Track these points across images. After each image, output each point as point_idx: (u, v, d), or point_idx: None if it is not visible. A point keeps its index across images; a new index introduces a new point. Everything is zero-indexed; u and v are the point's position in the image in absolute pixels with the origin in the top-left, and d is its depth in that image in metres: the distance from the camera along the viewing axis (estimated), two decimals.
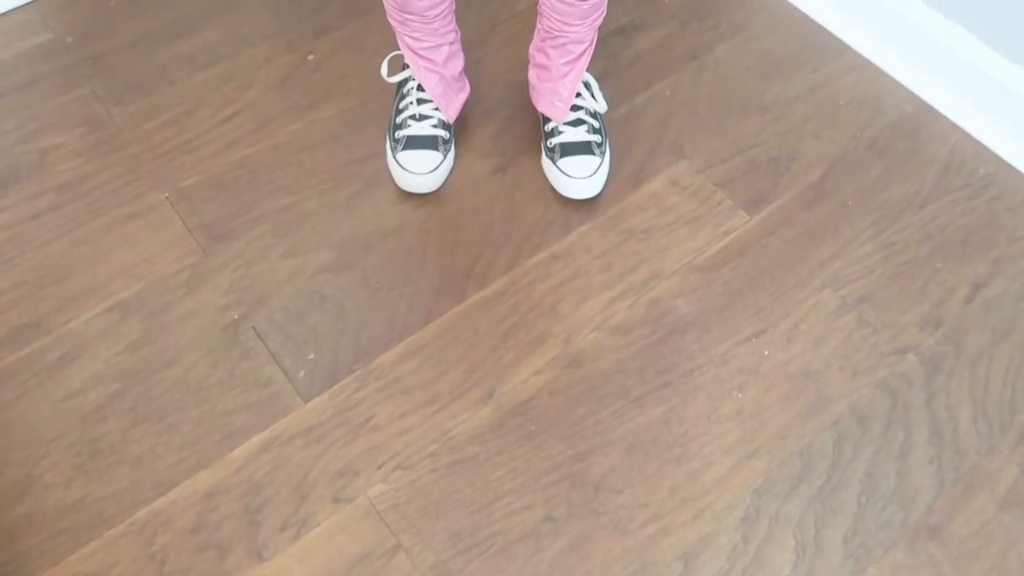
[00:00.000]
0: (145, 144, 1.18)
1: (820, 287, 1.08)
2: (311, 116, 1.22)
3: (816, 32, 1.33)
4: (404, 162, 1.11)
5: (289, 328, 1.03)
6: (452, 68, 1.12)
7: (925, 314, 1.06)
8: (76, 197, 1.13)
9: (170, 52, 1.28)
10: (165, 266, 1.07)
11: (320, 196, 1.14)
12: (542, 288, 1.07)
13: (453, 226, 1.11)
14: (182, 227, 1.11)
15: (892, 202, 1.15)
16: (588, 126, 1.13)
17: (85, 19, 1.32)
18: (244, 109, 1.22)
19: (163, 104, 1.22)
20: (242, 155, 1.17)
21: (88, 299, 1.04)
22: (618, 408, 0.98)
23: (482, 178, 1.16)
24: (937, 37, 1.21)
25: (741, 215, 1.13)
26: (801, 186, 1.16)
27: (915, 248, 1.11)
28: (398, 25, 1.08)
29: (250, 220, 1.11)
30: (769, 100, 1.25)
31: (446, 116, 1.13)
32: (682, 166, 1.18)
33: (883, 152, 1.20)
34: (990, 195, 1.16)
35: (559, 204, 1.14)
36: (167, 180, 1.15)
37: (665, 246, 1.10)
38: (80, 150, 1.18)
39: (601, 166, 1.12)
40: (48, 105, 1.22)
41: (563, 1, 1.02)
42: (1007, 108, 1.18)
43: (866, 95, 1.26)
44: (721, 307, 1.06)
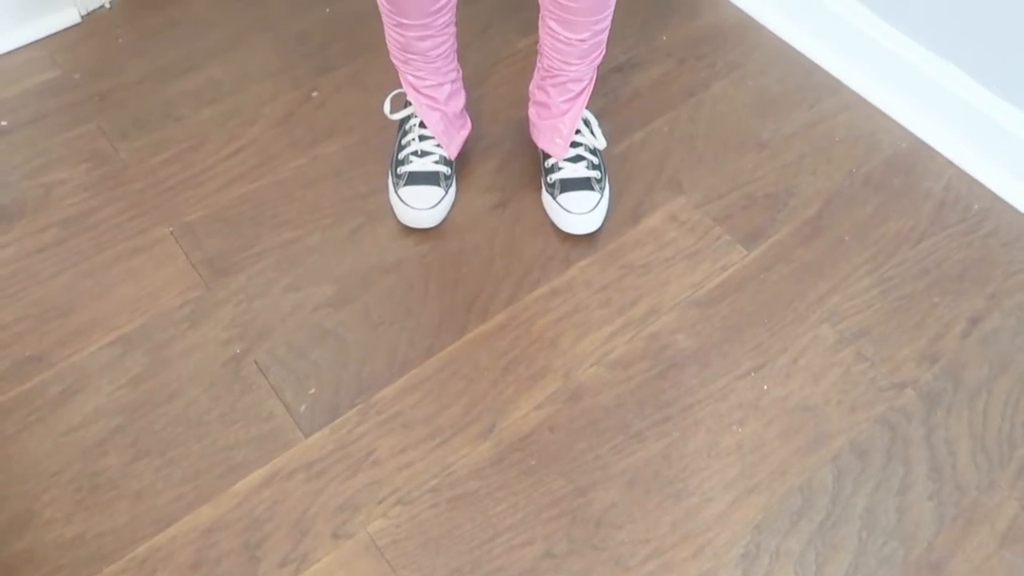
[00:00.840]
0: (150, 179, 1.20)
1: (818, 322, 1.09)
2: (314, 152, 1.23)
3: (811, 70, 1.36)
4: (406, 197, 1.12)
5: (291, 362, 1.03)
6: (454, 106, 1.14)
7: (923, 349, 1.07)
8: (81, 231, 1.14)
9: (176, 89, 1.30)
10: (168, 300, 1.08)
11: (323, 231, 1.15)
12: (542, 322, 1.07)
13: (454, 261, 1.12)
14: (185, 261, 1.12)
15: (888, 237, 1.17)
16: (587, 162, 1.14)
17: (93, 57, 1.35)
18: (248, 145, 1.24)
19: (168, 140, 1.24)
20: (246, 190, 1.19)
21: (91, 333, 1.05)
22: (618, 443, 0.98)
23: (483, 213, 1.17)
24: (930, 75, 1.23)
25: (739, 250, 1.15)
26: (798, 221, 1.18)
27: (912, 283, 1.12)
28: (401, 64, 1.10)
29: (253, 255, 1.12)
30: (766, 136, 1.27)
31: (447, 152, 1.15)
32: (680, 201, 1.19)
33: (879, 188, 1.22)
34: (985, 231, 1.18)
35: (559, 239, 1.15)
36: (171, 215, 1.16)
37: (664, 281, 1.11)
38: (86, 185, 1.19)
39: (600, 202, 1.13)
40: (55, 141, 1.24)
41: (562, 41, 1.04)
42: (1000, 145, 1.19)
43: (861, 132, 1.28)
44: (720, 341, 1.07)
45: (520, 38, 1.38)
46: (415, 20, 1.02)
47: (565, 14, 1.01)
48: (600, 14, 1.01)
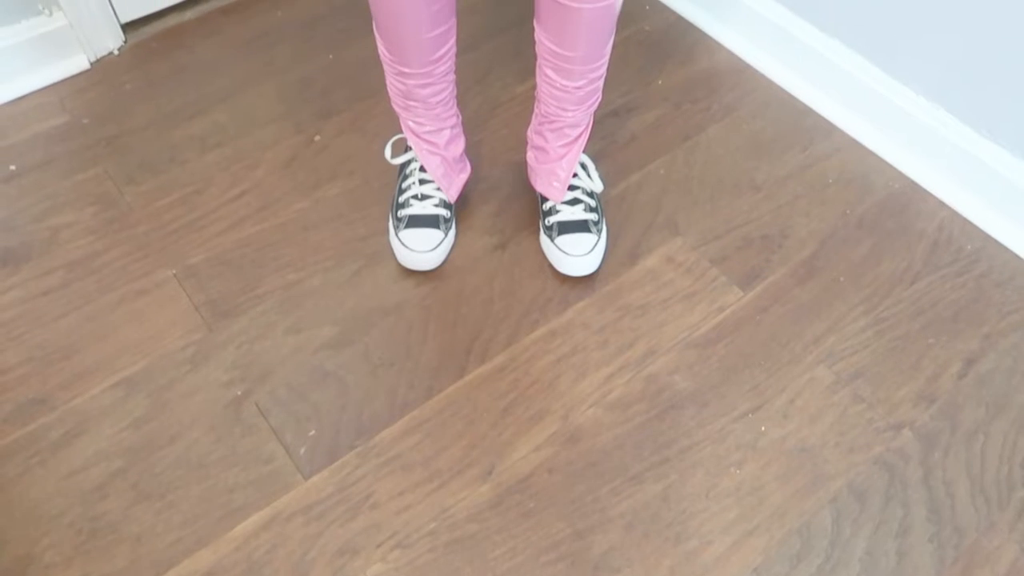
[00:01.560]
0: (155, 222, 1.22)
1: (814, 362, 1.09)
2: (316, 195, 1.25)
3: (804, 113, 1.38)
4: (406, 240, 1.14)
5: (291, 404, 1.04)
6: (453, 150, 1.16)
7: (919, 390, 1.07)
8: (86, 274, 1.16)
9: (182, 133, 1.33)
10: (171, 342, 1.09)
11: (324, 273, 1.16)
12: (541, 364, 1.08)
13: (454, 302, 1.14)
14: (188, 304, 1.13)
15: (883, 278, 1.18)
16: (585, 205, 1.16)
17: (101, 102, 1.38)
18: (252, 188, 1.26)
19: (173, 183, 1.26)
20: (249, 233, 1.21)
21: (94, 375, 1.06)
22: (617, 485, 0.98)
23: (482, 255, 1.19)
24: (921, 119, 1.26)
25: (735, 291, 1.16)
26: (793, 263, 1.19)
27: (907, 324, 1.13)
28: (401, 111, 1.13)
29: (255, 297, 1.14)
30: (760, 179, 1.29)
31: (447, 196, 1.17)
32: (677, 243, 1.21)
33: (872, 229, 1.23)
34: (978, 271, 1.19)
35: (557, 281, 1.16)
36: (175, 257, 1.18)
37: (661, 322, 1.13)
38: (92, 228, 1.21)
39: (598, 244, 1.15)
40: (62, 184, 1.26)
41: (559, 88, 1.07)
42: (991, 186, 1.21)
43: (854, 173, 1.30)
44: (717, 383, 1.07)
45: (519, 83, 1.41)
46: (416, 69, 1.05)
47: (562, 63, 1.03)
48: (595, 63, 1.04)
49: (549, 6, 0.98)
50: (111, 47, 1.45)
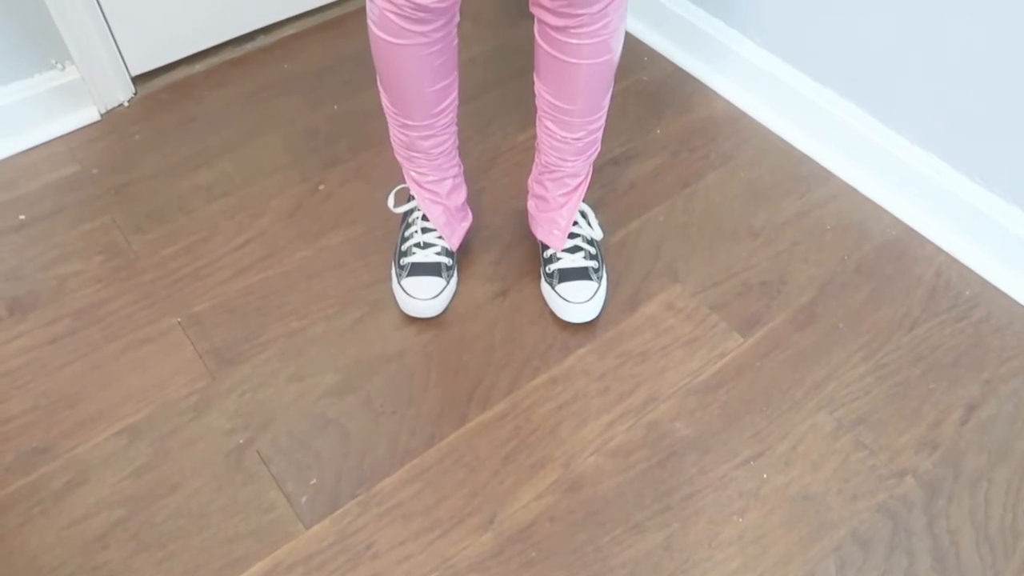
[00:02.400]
0: (161, 271, 1.23)
1: (816, 409, 1.09)
2: (320, 243, 1.27)
3: (801, 160, 1.40)
4: (408, 288, 1.15)
5: (293, 452, 1.04)
6: (455, 199, 1.18)
7: (921, 436, 1.07)
8: (92, 322, 1.17)
9: (189, 183, 1.35)
10: (174, 390, 1.10)
11: (327, 321, 1.18)
12: (542, 411, 1.09)
13: (455, 350, 1.15)
14: (192, 351, 1.14)
15: (882, 324, 1.19)
16: (585, 252, 1.18)
17: (111, 152, 1.40)
18: (256, 237, 1.28)
19: (180, 232, 1.28)
20: (253, 281, 1.22)
21: (97, 423, 1.07)
22: (618, 534, 0.98)
23: (483, 302, 1.20)
24: (915, 166, 1.28)
25: (736, 337, 1.17)
26: (793, 309, 1.20)
27: (907, 369, 1.14)
28: (404, 161, 1.15)
29: (258, 344, 1.15)
30: (759, 225, 1.31)
31: (449, 244, 1.18)
32: (677, 290, 1.22)
33: (870, 275, 1.24)
34: (977, 316, 1.20)
35: (558, 327, 1.17)
36: (180, 305, 1.19)
37: (662, 369, 1.13)
38: (98, 276, 1.23)
39: (598, 291, 1.16)
40: (71, 233, 1.28)
41: (559, 139, 1.09)
42: (986, 233, 1.23)
43: (851, 220, 1.32)
44: (719, 429, 1.07)
45: (520, 132, 1.44)
46: (418, 121, 1.07)
47: (561, 115, 1.06)
48: (594, 115, 1.06)
49: (548, 61, 1.00)
50: (121, 99, 1.48)
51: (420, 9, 0.92)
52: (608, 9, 0.93)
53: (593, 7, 0.91)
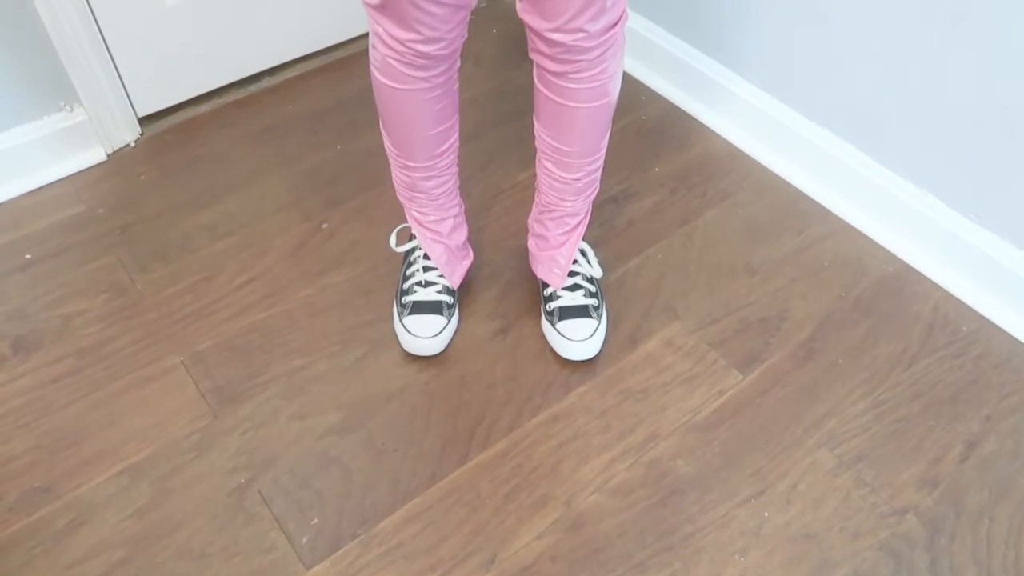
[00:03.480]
0: (164, 309, 1.24)
1: (816, 446, 1.10)
2: (323, 281, 1.28)
3: (798, 197, 1.42)
4: (410, 326, 1.16)
5: (294, 492, 1.04)
6: (456, 238, 1.20)
7: (922, 473, 1.07)
8: (95, 361, 1.18)
9: (193, 222, 1.37)
10: (176, 429, 1.10)
11: (329, 359, 1.18)
12: (543, 449, 1.09)
13: (457, 387, 1.15)
14: (195, 390, 1.15)
15: (881, 360, 1.19)
16: (585, 290, 1.19)
17: (116, 192, 1.42)
18: (260, 275, 1.29)
19: (184, 271, 1.30)
20: (256, 319, 1.23)
21: (99, 463, 1.07)
22: (620, 574, 0.98)
23: (484, 340, 1.21)
24: (910, 203, 1.29)
25: (735, 374, 1.17)
26: (792, 345, 1.21)
27: (907, 406, 1.14)
28: (406, 201, 1.17)
29: (261, 383, 1.15)
30: (757, 262, 1.32)
31: (450, 282, 1.19)
32: (676, 327, 1.23)
33: (868, 311, 1.25)
34: (976, 352, 1.20)
35: (559, 365, 1.18)
36: (183, 344, 1.20)
37: (662, 406, 1.13)
38: (103, 315, 1.24)
39: (598, 329, 1.17)
40: (76, 273, 1.29)
41: (558, 180, 1.11)
42: (982, 269, 1.24)
43: (848, 256, 1.33)
44: (719, 467, 1.08)
45: (520, 171, 1.46)
46: (420, 163, 1.09)
47: (560, 156, 1.07)
48: (593, 156, 1.08)
49: (547, 104, 1.02)
50: (128, 139, 1.51)
51: (422, 56, 0.94)
52: (605, 55, 0.95)
53: (590, 54, 0.93)
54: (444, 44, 0.94)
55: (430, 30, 0.91)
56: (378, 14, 0.92)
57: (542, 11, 0.89)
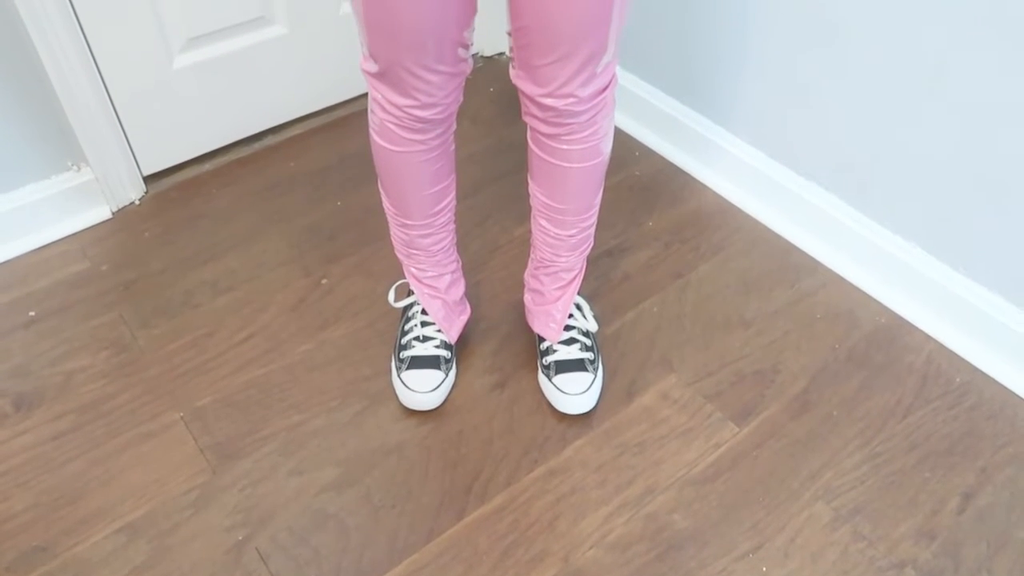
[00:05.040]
0: (165, 365, 1.26)
1: (813, 499, 1.10)
2: (322, 336, 1.30)
3: (789, 250, 1.45)
4: (408, 381, 1.18)
5: (291, 549, 1.04)
6: (454, 294, 1.22)
7: (919, 526, 1.07)
8: (96, 418, 1.19)
9: (195, 278, 1.39)
10: (175, 486, 1.11)
11: (328, 414, 1.19)
12: (541, 504, 1.09)
13: (454, 442, 1.16)
14: (194, 446, 1.15)
15: (875, 412, 1.20)
16: (581, 344, 1.20)
17: (120, 249, 1.45)
18: (260, 331, 1.31)
19: (185, 327, 1.31)
20: (255, 375, 1.24)
21: (98, 521, 1.07)
22: None
23: (482, 394, 1.22)
24: (898, 256, 1.32)
25: (731, 427, 1.18)
26: (787, 398, 1.22)
27: (902, 458, 1.15)
28: (404, 258, 1.19)
29: (260, 438, 1.16)
30: (751, 315, 1.34)
31: (448, 337, 1.21)
32: (672, 380, 1.24)
33: (862, 363, 1.27)
34: (969, 403, 1.21)
35: (555, 419, 1.19)
36: (183, 400, 1.21)
37: (659, 459, 1.14)
38: (104, 372, 1.25)
39: (594, 382, 1.18)
40: (78, 329, 1.31)
41: (553, 236, 1.13)
42: (972, 320, 1.26)
43: (841, 308, 1.35)
44: (717, 521, 1.08)
45: (517, 226, 1.49)
46: (418, 221, 1.12)
47: (555, 214, 1.10)
48: (586, 213, 1.11)
49: (541, 164, 1.05)
50: (133, 197, 1.54)
51: (419, 120, 0.97)
52: (596, 117, 0.99)
53: (581, 117, 0.97)
54: (440, 109, 0.98)
55: (427, 96, 0.94)
56: (377, 81, 0.95)
57: (534, 78, 0.93)
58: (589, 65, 0.91)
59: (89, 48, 1.36)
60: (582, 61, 0.90)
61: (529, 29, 0.88)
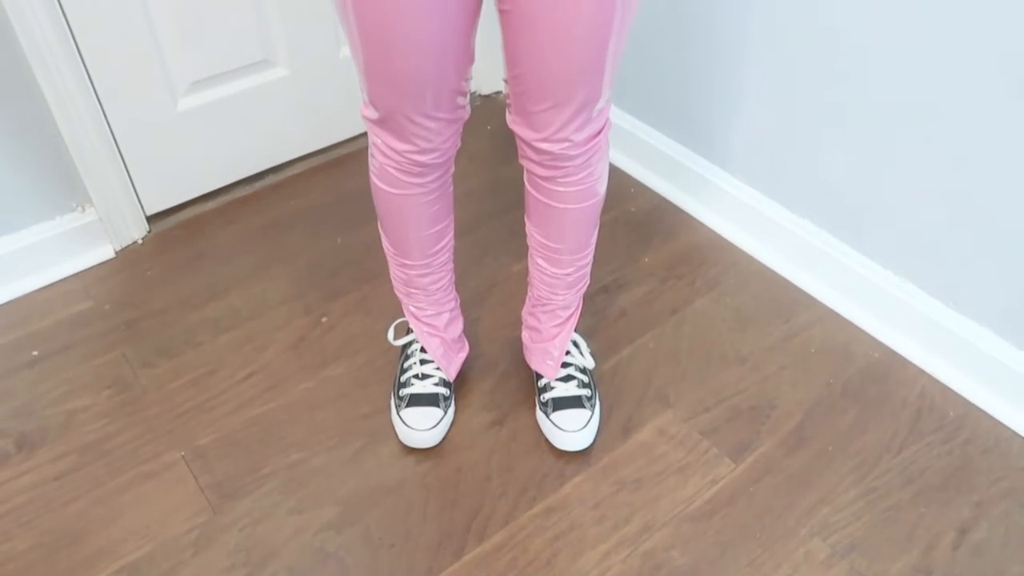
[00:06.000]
0: (167, 404, 1.27)
1: (809, 535, 1.11)
2: (322, 374, 1.31)
3: (784, 286, 1.47)
4: (407, 419, 1.19)
5: None
6: (452, 331, 1.23)
7: (915, 562, 1.08)
8: (98, 457, 1.20)
9: (197, 317, 1.41)
10: (176, 526, 1.11)
11: (328, 452, 1.20)
12: (539, 541, 1.10)
13: (453, 480, 1.17)
14: (195, 486, 1.16)
15: (870, 447, 1.21)
16: (578, 381, 1.22)
17: (123, 288, 1.47)
18: (261, 369, 1.32)
19: (187, 366, 1.33)
20: (256, 413, 1.26)
21: (99, 561, 1.08)
22: None
23: (480, 431, 1.23)
24: (890, 291, 1.34)
25: (727, 463, 1.19)
26: (782, 433, 1.23)
27: (898, 493, 1.15)
28: (403, 297, 1.21)
29: (260, 477, 1.17)
30: (746, 350, 1.35)
31: (447, 375, 1.22)
32: (668, 415, 1.25)
33: (857, 397, 1.28)
34: (963, 438, 1.22)
35: (553, 456, 1.20)
36: (184, 439, 1.22)
37: (656, 496, 1.15)
38: (106, 411, 1.26)
39: (591, 419, 1.19)
40: (81, 368, 1.33)
41: (550, 275, 1.15)
42: (963, 354, 1.27)
43: (835, 343, 1.36)
44: (714, 558, 1.08)
45: (514, 263, 1.51)
46: (417, 261, 1.14)
47: (551, 253, 1.12)
48: (582, 252, 1.13)
49: (537, 206, 1.08)
50: (136, 237, 1.56)
51: (418, 164, 1.00)
52: (591, 160, 1.01)
53: (576, 160, 0.99)
54: (439, 154, 1.00)
55: (426, 142, 0.97)
56: (377, 127, 0.98)
57: (530, 123, 0.96)
58: (584, 111, 0.93)
59: (95, 91, 1.39)
60: (577, 107, 0.92)
61: (525, 77, 0.91)
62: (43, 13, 1.25)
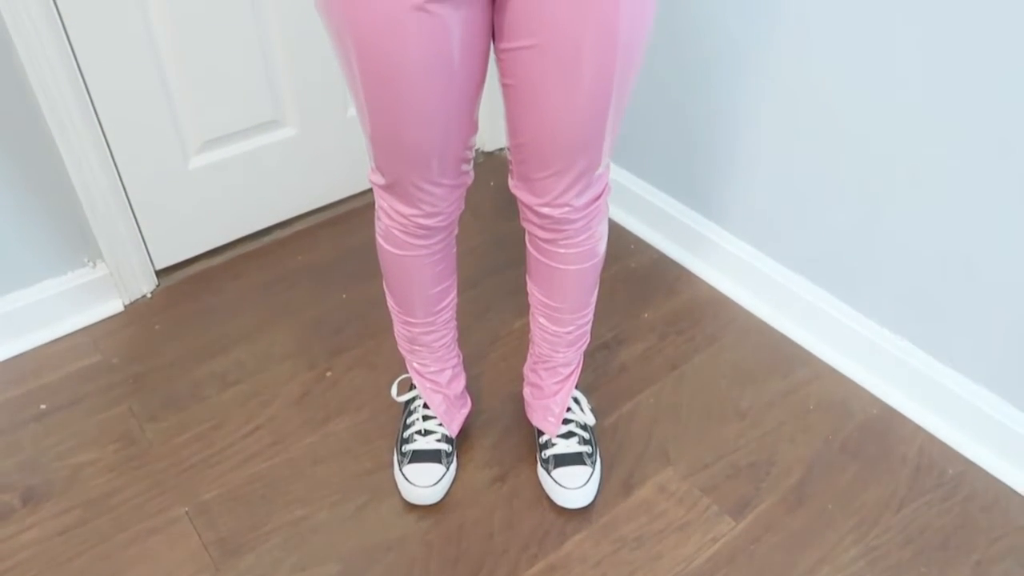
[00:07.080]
0: (172, 459, 1.28)
1: None
2: (326, 429, 1.33)
3: (782, 342, 1.49)
4: (409, 475, 1.20)
5: None
6: (455, 388, 1.25)
7: None
8: (102, 512, 1.21)
9: (204, 371, 1.43)
10: None
11: (330, 508, 1.21)
12: None
13: (455, 537, 1.17)
14: (198, 542, 1.17)
15: (870, 505, 1.22)
16: (579, 438, 1.23)
17: (131, 342, 1.49)
18: (265, 424, 1.34)
19: (192, 420, 1.34)
20: (260, 468, 1.27)
21: None
22: None
23: (482, 488, 1.24)
24: (886, 348, 1.35)
25: (727, 521, 1.19)
26: (782, 490, 1.24)
27: (898, 552, 1.16)
28: (407, 353, 1.23)
29: (263, 533, 1.18)
30: (745, 406, 1.37)
31: (449, 431, 1.24)
32: (669, 472, 1.26)
33: (855, 454, 1.29)
34: (962, 495, 1.23)
35: (555, 513, 1.20)
36: (189, 494, 1.23)
37: (657, 554, 1.15)
38: (112, 465, 1.27)
39: (592, 476, 1.20)
40: (88, 423, 1.34)
41: (551, 333, 1.17)
42: (960, 411, 1.28)
43: (833, 399, 1.38)
44: None
45: (516, 319, 1.53)
46: (421, 319, 1.16)
47: (552, 312, 1.15)
48: (583, 311, 1.16)
49: (539, 266, 1.11)
50: (145, 291, 1.59)
51: (422, 227, 1.03)
52: (592, 223, 1.04)
53: (576, 223, 1.02)
54: (443, 217, 1.04)
55: (431, 206, 1.00)
56: (384, 192, 1.02)
57: (532, 189, 0.99)
58: (584, 177, 0.97)
59: (109, 150, 1.43)
60: (577, 174, 0.96)
61: (527, 146, 0.94)
62: (62, 73, 1.30)
